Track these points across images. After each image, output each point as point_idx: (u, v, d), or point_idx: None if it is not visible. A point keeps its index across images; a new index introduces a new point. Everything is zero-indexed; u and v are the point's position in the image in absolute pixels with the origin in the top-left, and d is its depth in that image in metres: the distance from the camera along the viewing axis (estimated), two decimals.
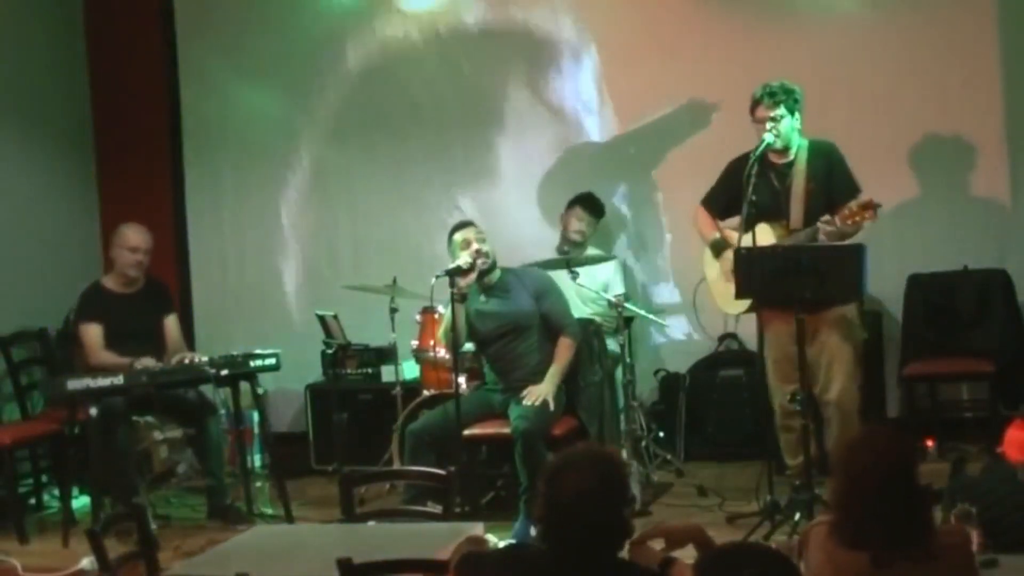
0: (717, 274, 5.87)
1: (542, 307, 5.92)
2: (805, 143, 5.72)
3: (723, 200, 5.77)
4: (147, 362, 6.13)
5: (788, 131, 5.65)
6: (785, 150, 5.70)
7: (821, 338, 5.58)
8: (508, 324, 5.90)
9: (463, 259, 5.74)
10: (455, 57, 7.56)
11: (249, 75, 7.90)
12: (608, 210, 7.10)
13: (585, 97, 7.40)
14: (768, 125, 5.59)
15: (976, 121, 6.83)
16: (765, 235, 5.58)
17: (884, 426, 3.43)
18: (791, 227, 5.60)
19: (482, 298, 5.95)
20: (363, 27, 7.68)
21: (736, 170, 5.60)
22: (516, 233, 7.25)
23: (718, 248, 5.81)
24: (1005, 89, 6.80)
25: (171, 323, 6.57)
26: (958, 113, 6.85)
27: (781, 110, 5.61)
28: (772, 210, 5.62)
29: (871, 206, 5.26)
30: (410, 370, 6.78)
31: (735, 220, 5.61)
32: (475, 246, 5.81)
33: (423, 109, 7.61)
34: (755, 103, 5.68)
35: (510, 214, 7.42)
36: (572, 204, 6.93)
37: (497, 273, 5.96)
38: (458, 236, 5.91)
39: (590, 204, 6.92)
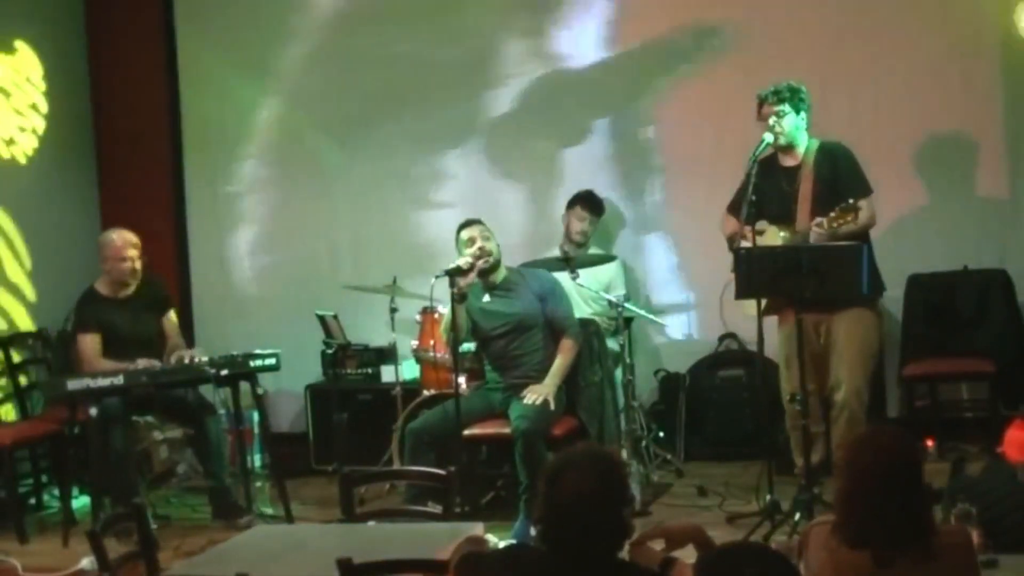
0: None
1: (546, 308, 5.93)
2: (815, 145, 5.72)
3: (740, 203, 5.75)
4: (146, 363, 6.12)
5: (792, 129, 5.65)
6: (792, 151, 5.70)
7: (837, 337, 5.59)
8: (511, 323, 5.91)
9: (463, 259, 5.74)
10: (462, 54, 7.55)
11: (249, 75, 7.90)
12: (609, 208, 7.09)
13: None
14: (771, 121, 5.60)
15: (976, 121, 6.83)
16: (774, 238, 5.59)
17: (889, 425, 3.43)
18: (798, 229, 5.60)
19: (486, 297, 5.95)
20: (365, 26, 7.68)
21: (754, 174, 5.60)
22: (524, 231, 7.26)
23: (732, 242, 5.81)
24: (1005, 89, 6.80)
25: (169, 319, 6.56)
26: (958, 113, 6.85)
27: (785, 107, 5.62)
28: (781, 213, 5.63)
29: (851, 208, 5.27)
30: (410, 370, 6.79)
31: (759, 225, 5.61)
32: (479, 243, 5.81)
33: (426, 110, 7.61)
34: (761, 102, 5.69)
35: (517, 211, 7.41)
36: (572, 204, 6.92)
37: (502, 272, 5.96)
38: (464, 233, 5.90)
39: (590, 202, 6.91)
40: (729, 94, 6.84)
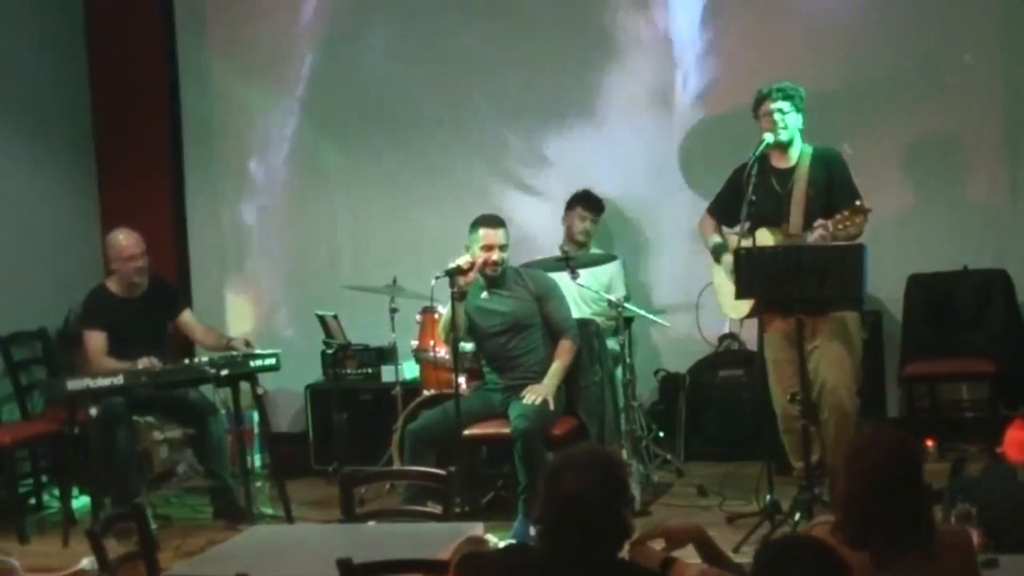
0: (723, 278, 5.86)
1: (543, 310, 5.92)
2: (809, 149, 5.70)
3: (728, 206, 5.74)
4: (146, 362, 6.11)
5: (793, 128, 5.63)
6: (786, 152, 5.68)
7: (820, 342, 5.57)
8: (508, 323, 5.91)
9: (463, 259, 5.73)
10: (465, 51, 7.55)
11: (249, 75, 7.90)
12: (610, 207, 7.09)
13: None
14: (776, 117, 5.58)
15: (976, 121, 6.84)
16: (765, 240, 5.58)
17: (889, 425, 3.43)
18: (790, 232, 5.59)
19: (484, 295, 5.95)
20: (365, 25, 7.68)
21: (740, 177, 5.60)
22: (524, 231, 7.24)
23: (718, 252, 5.80)
24: (1005, 89, 6.81)
25: (188, 318, 6.58)
26: (958, 113, 6.85)
27: (788, 105, 5.60)
28: (773, 215, 5.61)
29: (861, 211, 5.27)
30: (410, 370, 6.79)
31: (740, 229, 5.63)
32: (496, 255, 5.79)
33: (426, 108, 7.61)
34: (762, 98, 5.66)
35: (519, 211, 7.40)
36: (571, 204, 6.91)
37: (502, 271, 5.95)
38: (482, 233, 5.86)
39: (590, 202, 6.90)
40: (731, 92, 6.86)
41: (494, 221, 5.93)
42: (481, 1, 7.55)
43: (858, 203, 5.31)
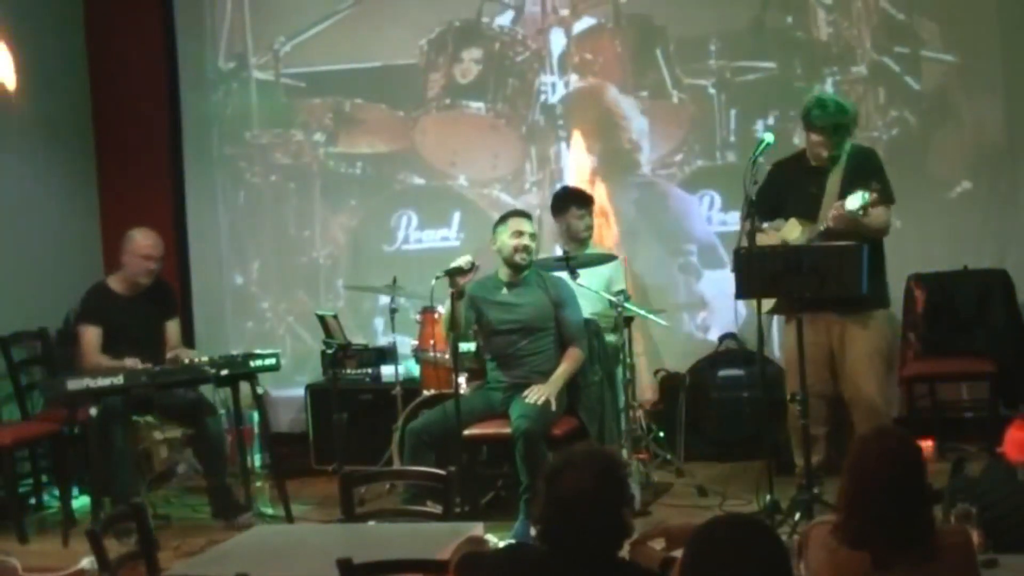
0: None
1: (558, 315, 5.91)
2: (847, 148, 5.72)
3: (767, 202, 5.72)
4: (133, 362, 6.10)
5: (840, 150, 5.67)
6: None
7: (850, 340, 5.58)
8: (522, 324, 5.89)
9: (463, 259, 5.71)
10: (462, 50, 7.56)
11: (249, 75, 7.89)
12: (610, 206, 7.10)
13: None
14: (823, 153, 5.61)
15: (977, 120, 6.84)
16: (792, 230, 5.61)
17: (893, 427, 3.41)
18: (819, 223, 5.61)
19: (504, 291, 5.93)
20: (362, 26, 7.69)
21: (777, 172, 5.62)
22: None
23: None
24: (1006, 88, 6.81)
25: (172, 328, 6.56)
26: (958, 112, 6.85)
27: (842, 139, 5.63)
28: (806, 211, 5.64)
29: (883, 199, 5.31)
30: (410, 370, 6.78)
31: (776, 223, 5.71)
32: (525, 240, 5.82)
33: (424, 107, 7.61)
34: (818, 125, 5.63)
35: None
36: (563, 207, 6.84)
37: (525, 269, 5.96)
38: (512, 222, 5.87)
39: (579, 199, 6.86)
40: (731, 89, 6.85)
41: (522, 212, 6.05)
42: None
43: (875, 186, 5.32)
